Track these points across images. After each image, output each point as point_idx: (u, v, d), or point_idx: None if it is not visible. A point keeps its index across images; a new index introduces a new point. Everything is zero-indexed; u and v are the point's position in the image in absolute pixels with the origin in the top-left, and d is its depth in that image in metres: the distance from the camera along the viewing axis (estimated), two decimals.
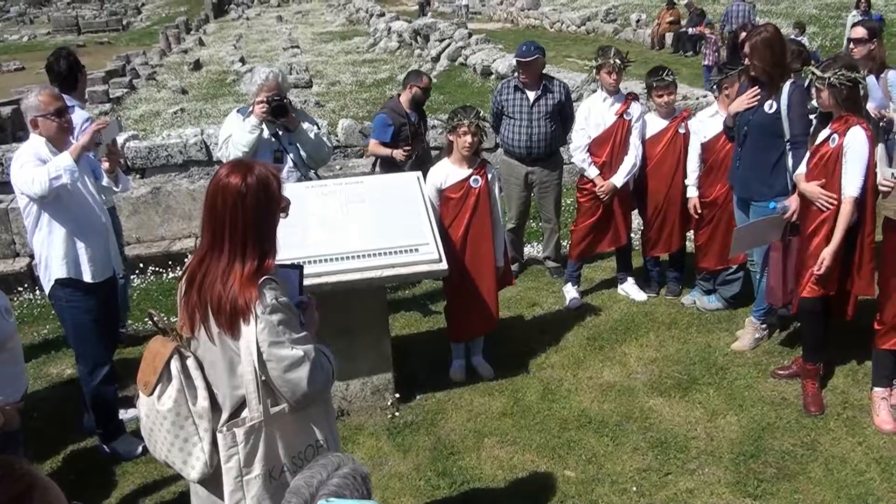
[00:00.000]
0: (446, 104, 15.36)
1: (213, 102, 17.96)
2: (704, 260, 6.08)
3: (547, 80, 6.63)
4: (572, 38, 26.55)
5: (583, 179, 6.22)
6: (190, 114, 16.52)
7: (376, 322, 4.85)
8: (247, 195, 2.57)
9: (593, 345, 5.71)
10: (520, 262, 7.21)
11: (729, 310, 6.08)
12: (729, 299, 6.10)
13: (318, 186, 4.97)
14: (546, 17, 30.17)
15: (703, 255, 6.08)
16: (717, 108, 5.83)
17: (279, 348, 2.56)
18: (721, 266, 6.00)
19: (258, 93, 5.17)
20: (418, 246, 4.59)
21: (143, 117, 16.60)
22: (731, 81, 5.64)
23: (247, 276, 2.56)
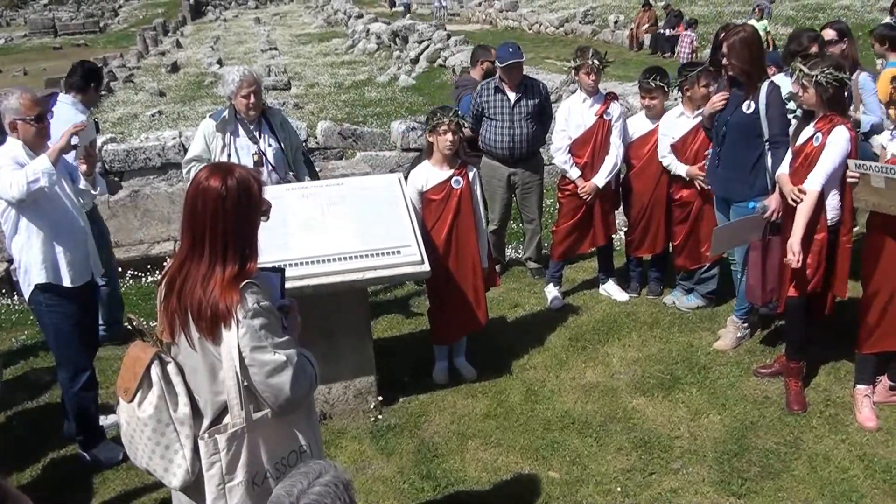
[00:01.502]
0: (426, 105, 15.37)
1: (190, 105, 17.84)
2: (680, 259, 6.11)
3: (527, 80, 6.63)
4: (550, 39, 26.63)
5: (564, 180, 6.22)
6: (168, 116, 16.40)
7: (358, 325, 4.82)
8: (227, 198, 2.53)
9: (576, 345, 5.70)
10: (502, 264, 7.20)
11: (710, 308, 6.10)
12: (707, 296, 6.12)
13: (299, 188, 4.95)
14: (524, 19, 30.24)
15: (678, 254, 6.12)
16: (682, 110, 5.85)
17: (261, 353, 2.53)
18: (696, 265, 6.04)
19: (239, 90, 5.16)
20: (400, 248, 4.57)
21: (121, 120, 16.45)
22: (691, 82, 5.68)
23: (228, 280, 2.53)
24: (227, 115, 5.34)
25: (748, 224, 4.96)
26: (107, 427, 4.81)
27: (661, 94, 5.99)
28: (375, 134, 11.26)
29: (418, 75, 19.89)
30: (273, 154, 5.38)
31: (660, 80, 5.94)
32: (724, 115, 5.16)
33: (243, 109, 5.27)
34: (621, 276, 6.67)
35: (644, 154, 6.07)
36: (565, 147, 6.10)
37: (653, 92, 5.96)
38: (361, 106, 16.53)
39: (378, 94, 17.87)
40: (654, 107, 6.02)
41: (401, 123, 10.50)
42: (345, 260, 4.45)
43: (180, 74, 23.26)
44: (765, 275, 4.91)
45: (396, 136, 10.43)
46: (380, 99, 17.24)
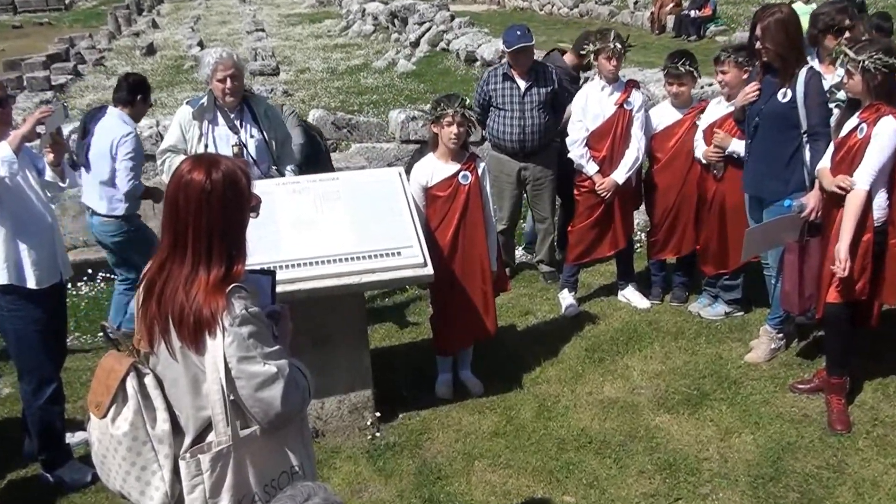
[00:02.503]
0: (427, 93, 15.36)
1: (168, 91, 17.85)
2: (706, 263, 6.12)
3: (538, 66, 6.62)
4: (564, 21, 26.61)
5: (580, 176, 6.20)
6: None
7: (355, 333, 4.81)
8: (212, 193, 2.52)
9: (593, 357, 5.69)
10: (511, 267, 7.19)
11: (741, 317, 6.09)
12: (731, 304, 6.11)
13: (290, 183, 4.94)
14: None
15: (704, 259, 6.12)
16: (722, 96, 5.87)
17: (250, 364, 2.52)
18: (720, 271, 6.04)
19: (214, 72, 5.16)
20: (401, 249, 4.57)
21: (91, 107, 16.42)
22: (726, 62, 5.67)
23: (213, 283, 2.51)
24: (205, 101, 5.34)
25: (783, 224, 4.94)
26: (74, 445, 4.79)
27: (689, 80, 5.98)
28: (372, 124, 11.24)
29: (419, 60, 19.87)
30: (255, 146, 5.39)
31: (689, 64, 5.92)
32: (757, 104, 5.14)
33: (220, 95, 5.28)
34: (642, 281, 6.66)
35: (670, 147, 6.05)
36: (582, 139, 6.07)
37: (681, 78, 5.94)
38: (357, 93, 16.52)
39: (375, 81, 17.87)
40: (681, 94, 6.00)
41: (400, 113, 10.49)
42: (340, 262, 4.44)
43: (157, 58, 23.27)
44: (802, 280, 4.89)
45: (395, 126, 10.43)
46: (377, 86, 17.24)
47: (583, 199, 6.22)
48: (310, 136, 6.68)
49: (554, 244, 7.24)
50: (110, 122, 6.12)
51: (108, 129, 6.07)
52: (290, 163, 5.66)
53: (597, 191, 6.07)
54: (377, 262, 4.49)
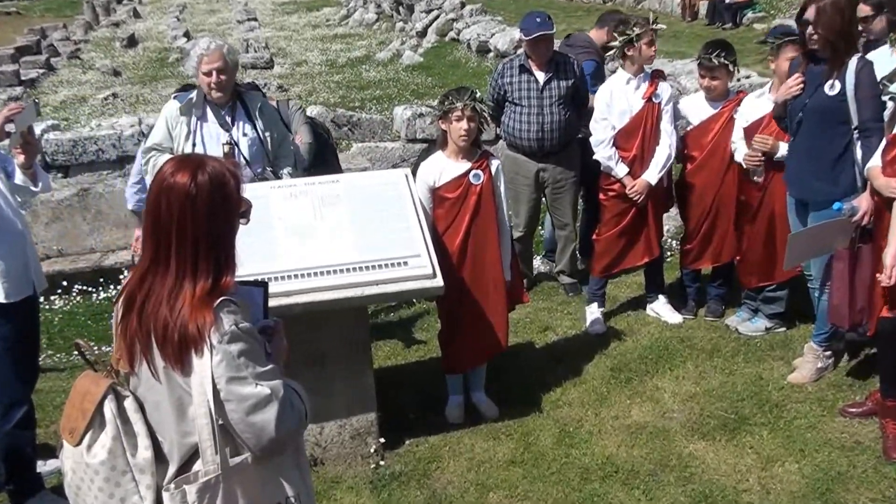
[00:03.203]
0: (435, 88, 15.39)
1: (152, 86, 17.93)
2: (747, 275, 6.10)
3: (558, 57, 6.62)
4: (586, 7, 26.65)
5: (607, 178, 6.18)
6: (124, 100, 16.49)
7: (356, 351, 4.82)
8: (198, 197, 2.52)
9: (619, 377, 5.68)
10: (529, 278, 7.18)
11: (784, 333, 6.07)
12: (772, 319, 6.09)
13: (285, 186, 4.95)
14: None
15: (745, 269, 6.11)
16: (766, 88, 5.83)
17: (240, 385, 2.51)
18: (762, 283, 6.02)
19: (199, 64, 5.18)
20: (407, 258, 4.58)
21: (66, 104, 16.55)
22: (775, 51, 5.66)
23: (199, 296, 2.51)
24: (194, 96, 5.35)
25: (832, 229, 4.91)
26: (46, 474, 4.79)
27: (724, 73, 5.95)
28: (375, 121, 11.26)
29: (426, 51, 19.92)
30: (248, 145, 5.40)
31: (725, 56, 5.90)
32: (801, 98, 5.12)
33: (207, 89, 5.30)
34: (674, 294, 6.65)
35: (705, 144, 6.04)
36: (609, 139, 6.05)
37: (715, 71, 5.92)
38: (358, 88, 16.57)
39: (378, 74, 17.92)
40: (714, 88, 5.98)
41: (405, 109, 10.52)
42: (340, 273, 4.45)
43: (139, 50, 23.41)
44: (853, 291, 4.86)
45: (400, 124, 10.45)
46: (380, 80, 17.29)
47: (610, 205, 6.20)
48: (317, 134, 6.70)
49: (576, 253, 7.23)
50: None
51: None
52: (287, 164, 5.66)
53: (628, 194, 6.05)
54: (381, 273, 4.49)
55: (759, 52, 13.72)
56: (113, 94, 16.88)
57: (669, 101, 6.06)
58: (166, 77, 19.05)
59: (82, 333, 6.70)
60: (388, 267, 4.52)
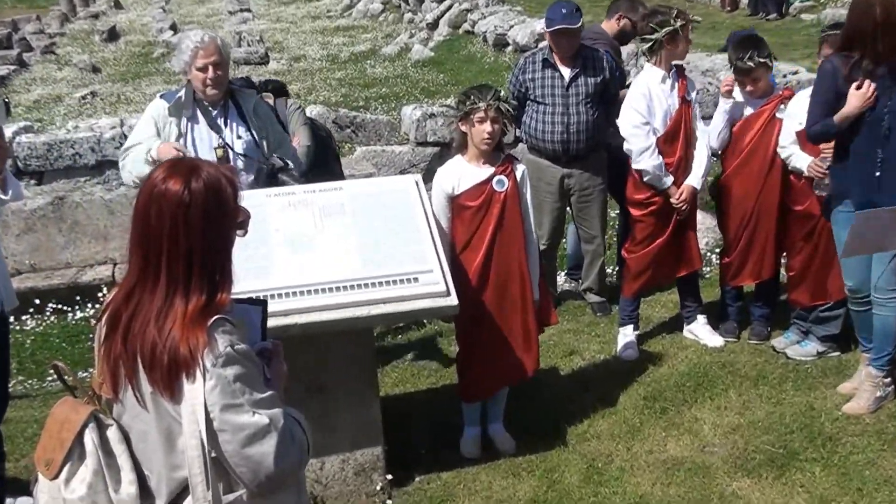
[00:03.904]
0: (448, 85, 15.41)
1: (135, 84, 18.00)
2: (797, 292, 6.08)
3: (585, 51, 6.63)
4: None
5: (642, 191, 6.12)
6: (104, 99, 16.55)
7: (361, 377, 4.82)
8: (191, 206, 2.54)
9: (653, 407, 5.67)
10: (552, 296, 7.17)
11: (837, 357, 6.05)
12: (826, 341, 6.08)
13: (284, 194, 4.95)
14: None
15: (795, 286, 6.08)
16: None
17: (236, 413, 2.52)
18: (819, 301, 6.00)
19: (194, 59, 5.18)
20: (418, 274, 4.57)
21: (40, 103, 16.61)
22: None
23: (191, 315, 2.52)
24: (182, 95, 5.36)
25: None
26: None
27: (763, 71, 5.95)
28: (381, 123, 11.28)
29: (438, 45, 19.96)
30: (243, 148, 5.40)
31: (758, 55, 5.90)
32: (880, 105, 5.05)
33: (200, 86, 5.30)
34: (713, 313, 6.63)
35: (744, 146, 6.04)
36: (653, 146, 5.97)
37: (753, 72, 5.91)
38: (362, 86, 16.59)
39: (384, 71, 17.95)
40: (757, 91, 5.99)
41: (415, 109, 10.54)
42: (344, 290, 4.45)
43: (120, 44, 23.50)
44: None
45: (409, 125, 10.47)
46: (387, 76, 17.32)
47: (647, 221, 6.14)
48: (317, 137, 6.73)
49: (604, 268, 7.22)
50: None
51: None
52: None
53: (675, 205, 6.02)
54: (389, 290, 4.49)
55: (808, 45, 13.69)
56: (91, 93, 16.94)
57: (696, 99, 6.10)
58: (150, 74, 19.12)
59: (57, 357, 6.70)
60: (396, 283, 4.51)
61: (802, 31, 16.80)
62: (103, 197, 8.21)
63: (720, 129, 6.09)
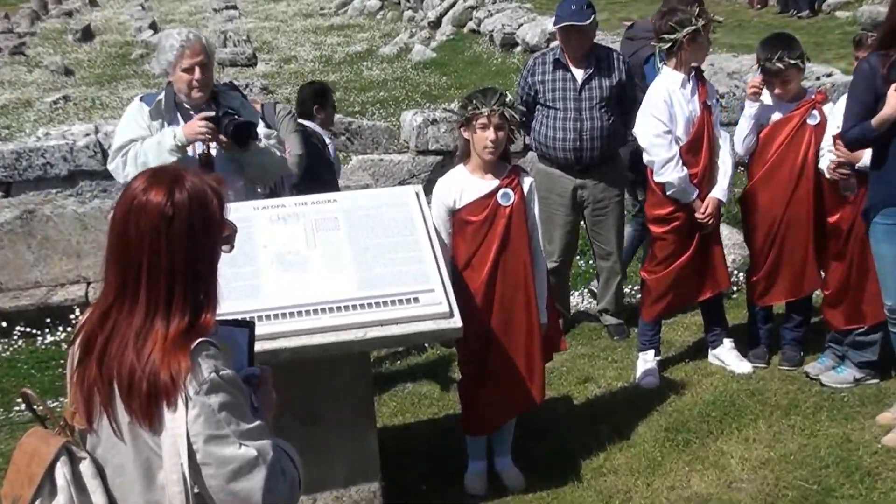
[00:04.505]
0: (452, 89, 15.45)
1: (111, 87, 18.05)
2: (833, 312, 6.08)
3: (600, 52, 6.65)
4: None
5: (661, 204, 6.10)
6: (78, 104, 16.58)
7: (357, 406, 4.82)
8: (174, 219, 2.54)
9: (675, 439, 5.66)
10: (565, 319, 7.18)
11: (876, 385, 6.04)
12: (864, 370, 6.07)
13: (273, 207, 4.95)
14: None
15: (831, 306, 6.08)
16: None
17: (221, 445, 2.52)
18: (853, 324, 6.00)
19: (178, 61, 5.19)
20: (418, 293, 4.57)
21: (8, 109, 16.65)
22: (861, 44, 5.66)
23: (173, 338, 2.52)
24: (163, 98, 5.37)
25: None
26: None
27: (794, 73, 5.95)
28: (379, 129, 11.29)
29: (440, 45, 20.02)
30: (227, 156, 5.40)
31: (788, 55, 5.90)
32: None
33: (185, 89, 5.29)
34: (741, 337, 6.61)
35: (771, 153, 6.04)
36: (677, 157, 5.94)
37: (783, 74, 5.92)
38: (359, 89, 16.64)
39: (382, 73, 18.00)
40: (786, 94, 5.99)
41: (415, 115, 10.54)
42: (338, 311, 4.44)
43: (95, 44, 23.57)
44: None
45: (409, 132, 10.47)
46: (385, 79, 17.36)
47: (668, 238, 6.12)
48: (310, 144, 6.74)
49: (622, 288, 7.22)
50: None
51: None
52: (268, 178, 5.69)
53: (700, 219, 6.01)
54: (387, 311, 4.48)
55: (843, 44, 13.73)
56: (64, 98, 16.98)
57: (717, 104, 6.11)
58: (128, 77, 19.18)
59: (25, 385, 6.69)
60: (395, 304, 4.50)
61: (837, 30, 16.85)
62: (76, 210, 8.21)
63: (746, 134, 6.08)
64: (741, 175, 6.72)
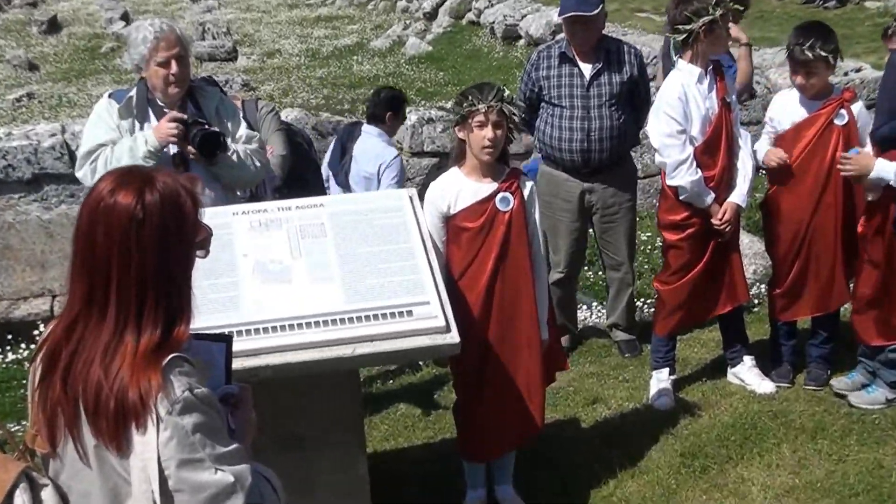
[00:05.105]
0: (449, 86, 15.48)
1: (79, 83, 18.07)
2: (860, 327, 6.07)
3: (609, 44, 6.66)
4: None
5: (675, 210, 6.10)
6: (43, 101, 16.62)
7: (346, 429, 4.80)
8: (145, 223, 2.54)
9: (691, 465, 5.65)
10: (572, 334, 7.18)
11: None
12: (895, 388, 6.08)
13: (254, 212, 4.94)
14: None
15: (862, 321, 6.06)
16: None
17: (195, 470, 2.52)
18: (885, 341, 5.99)
19: (153, 53, 5.19)
20: (412, 306, 4.54)
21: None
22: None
23: (143, 353, 2.52)
24: (134, 94, 5.37)
25: None
26: None
27: (822, 68, 5.94)
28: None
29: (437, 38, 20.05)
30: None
31: (821, 46, 5.90)
32: None
33: (161, 84, 5.28)
34: (762, 353, 6.62)
35: (795, 155, 6.04)
36: (691, 159, 5.93)
37: (810, 65, 5.92)
38: (348, 86, 16.66)
39: (374, 68, 18.03)
40: (809, 88, 5.98)
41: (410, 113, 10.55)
42: (324, 326, 4.41)
43: (62, 36, 23.60)
44: None
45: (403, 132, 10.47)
46: (376, 75, 17.39)
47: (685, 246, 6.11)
48: (294, 145, 6.74)
49: (633, 301, 7.22)
50: (372, 142, 7.33)
51: (371, 151, 7.26)
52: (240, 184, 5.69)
53: (717, 226, 5.99)
54: (378, 325, 4.45)
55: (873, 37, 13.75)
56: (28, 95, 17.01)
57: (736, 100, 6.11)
58: (98, 72, 19.20)
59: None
60: (386, 318, 4.47)
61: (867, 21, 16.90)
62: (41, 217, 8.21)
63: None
64: (762, 179, 6.71)
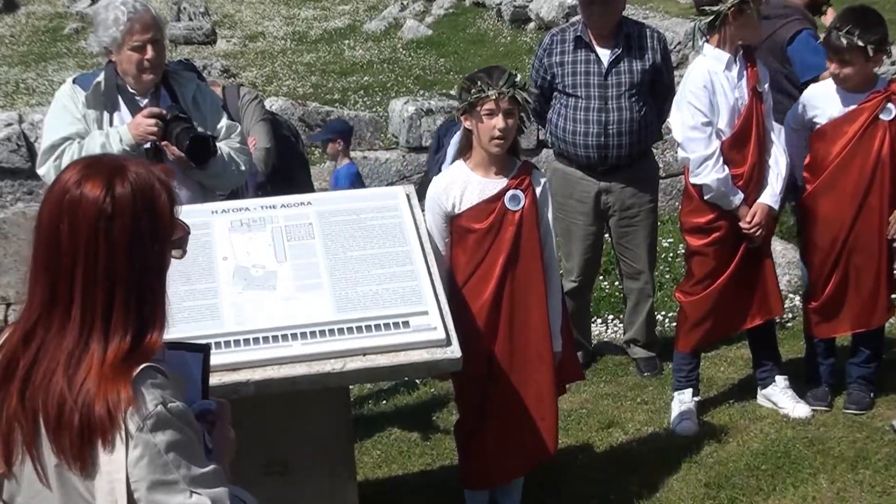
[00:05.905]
0: (450, 73, 15.49)
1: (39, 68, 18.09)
2: None
3: (630, 28, 6.67)
4: None
5: (699, 211, 6.08)
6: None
7: (334, 453, 4.81)
8: (115, 218, 2.54)
9: (717, 497, 5.65)
10: (586, 350, 7.18)
11: None
12: None
13: (235, 211, 4.94)
14: None
15: None
16: None
17: (168, 493, 2.52)
18: None
19: (127, 36, 5.18)
20: (408, 316, 4.55)
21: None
22: None
23: (112, 362, 2.52)
24: (102, 80, 5.37)
25: None
26: None
27: (859, 58, 5.90)
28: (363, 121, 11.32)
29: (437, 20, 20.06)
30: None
31: (860, 35, 5.87)
32: None
33: (134, 70, 5.28)
34: (797, 374, 6.62)
35: (834, 155, 6.04)
36: (717, 154, 5.90)
37: (844, 53, 5.88)
38: (339, 73, 16.68)
39: (367, 53, 18.05)
40: (848, 78, 5.95)
41: (407, 104, 10.58)
42: (312, 337, 4.42)
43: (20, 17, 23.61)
44: None
45: (399, 124, 10.50)
46: (370, 61, 17.41)
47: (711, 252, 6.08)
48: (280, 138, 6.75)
49: (654, 314, 7.22)
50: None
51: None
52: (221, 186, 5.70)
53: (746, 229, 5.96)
54: (371, 338, 4.46)
55: None
56: None
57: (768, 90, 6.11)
58: (60, 56, 19.21)
59: None
60: (380, 329, 4.48)
61: None
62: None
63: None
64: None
